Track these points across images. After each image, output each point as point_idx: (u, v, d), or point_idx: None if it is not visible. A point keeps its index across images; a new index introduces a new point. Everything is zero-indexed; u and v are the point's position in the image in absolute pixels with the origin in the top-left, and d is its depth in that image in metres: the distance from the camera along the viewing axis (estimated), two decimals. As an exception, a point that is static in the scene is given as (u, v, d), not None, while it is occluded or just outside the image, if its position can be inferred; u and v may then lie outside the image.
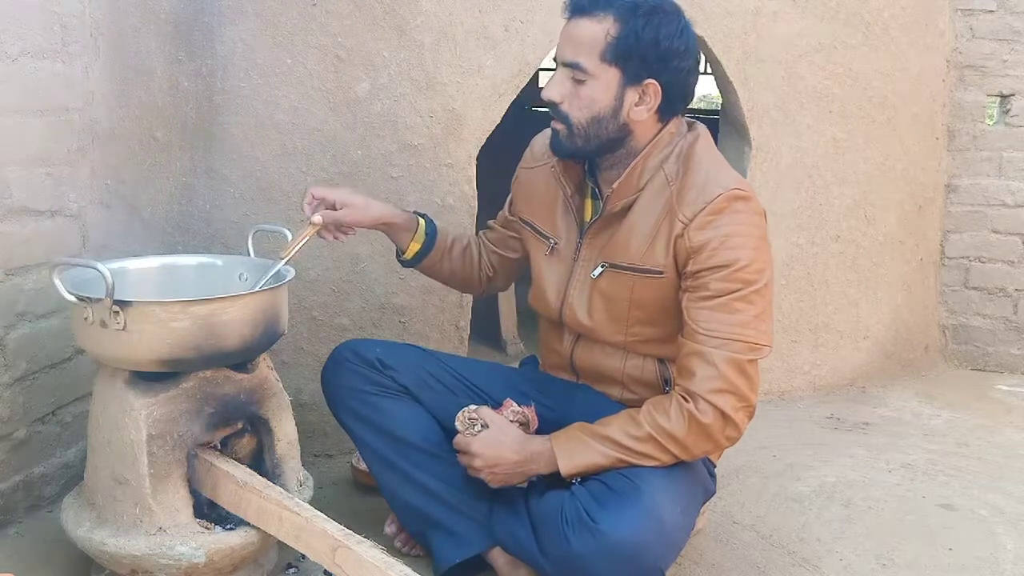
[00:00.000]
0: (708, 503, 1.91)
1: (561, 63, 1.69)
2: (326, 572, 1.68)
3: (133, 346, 1.57)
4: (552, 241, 1.88)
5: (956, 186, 3.48)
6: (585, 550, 1.57)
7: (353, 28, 2.30)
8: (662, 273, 1.71)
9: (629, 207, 1.75)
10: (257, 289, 1.73)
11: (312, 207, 1.85)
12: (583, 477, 1.69)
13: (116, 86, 2.14)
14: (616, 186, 1.74)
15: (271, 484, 1.67)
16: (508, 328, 3.52)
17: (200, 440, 1.68)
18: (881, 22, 3.04)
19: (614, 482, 1.63)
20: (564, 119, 1.70)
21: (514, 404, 1.81)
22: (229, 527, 1.67)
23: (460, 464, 1.77)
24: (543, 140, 1.89)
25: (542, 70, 6.12)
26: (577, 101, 1.68)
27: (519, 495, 1.81)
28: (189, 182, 2.28)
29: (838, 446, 2.71)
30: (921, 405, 3.13)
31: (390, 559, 1.49)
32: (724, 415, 1.63)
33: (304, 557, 1.85)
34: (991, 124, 3.49)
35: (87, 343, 1.64)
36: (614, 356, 1.84)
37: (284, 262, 1.79)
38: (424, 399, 1.89)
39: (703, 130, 1.78)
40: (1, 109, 1.84)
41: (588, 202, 1.85)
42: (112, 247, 2.13)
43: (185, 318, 1.57)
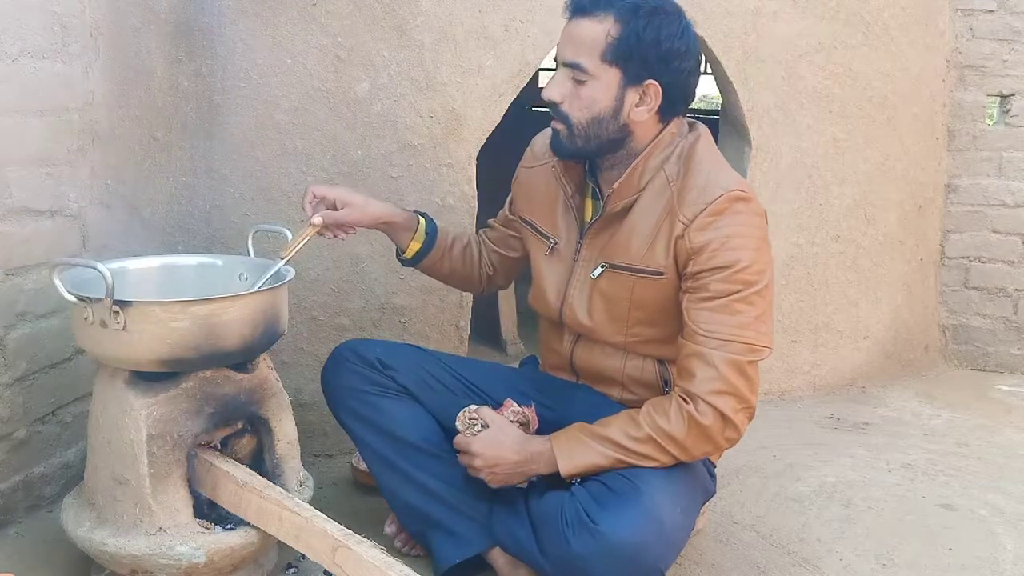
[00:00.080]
0: (708, 503, 1.91)
1: (562, 63, 1.69)
2: (326, 572, 1.68)
3: (133, 346, 1.57)
4: (552, 241, 1.87)
5: (956, 186, 3.48)
6: (585, 551, 1.57)
7: (353, 28, 2.30)
8: (662, 274, 1.71)
9: (629, 207, 1.75)
10: (256, 289, 1.73)
11: (312, 206, 1.85)
12: (583, 477, 1.69)
13: (116, 86, 2.13)
14: (617, 186, 1.73)
15: (271, 484, 1.67)
16: (508, 328, 3.52)
17: (200, 440, 1.68)
18: (881, 22, 3.04)
19: (614, 483, 1.63)
20: (564, 119, 1.70)
21: (514, 404, 1.81)
22: (229, 527, 1.67)
23: (460, 464, 1.77)
24: (544, 139, 1.88)
25: (542, 70, 6.13)
26: (577, 101, 1.67)
27: (519, 495, 1.81)
28: (189, 182, 2.28)
29: (838, 446, 2.71)
30: (921, 405, 3.13)
31: (390, 559, 1.49)
32: (724, 416, 1.62)
33: (304, 557, 1.85)
34: (991, 124, 3.49)
35: (87, 343, 1.64)
36: (614, 356, 1.84)
37: (284, 262, 1.79)
38: (424, 399, 1.89)
39: (704, 130, 1.78)
40: (1, 109, 1.83)
41: (588, 202, 1.85)
42: (112, 247, 2.13)
43: (185, 318, 1.57)
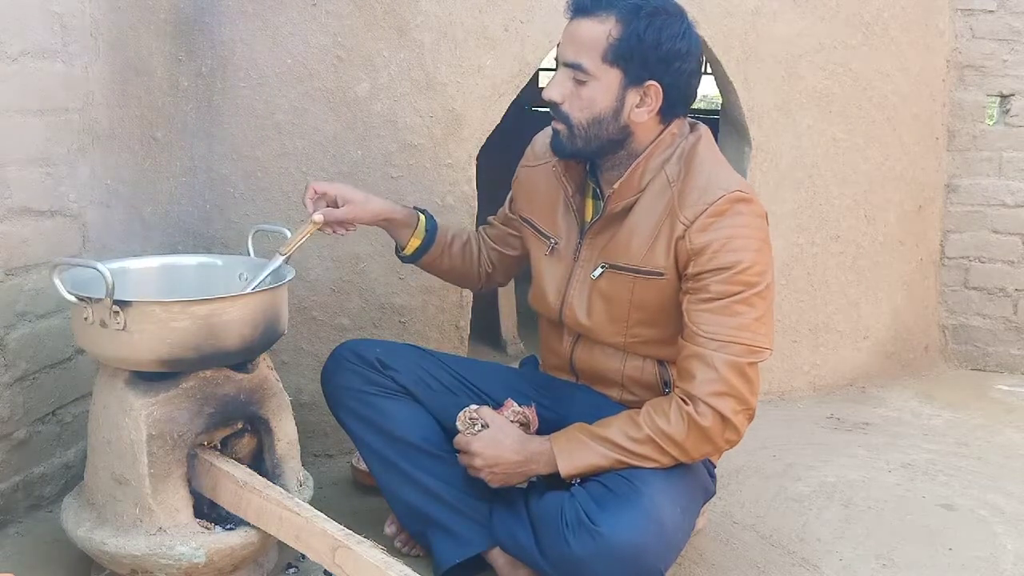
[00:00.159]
0: (708, 503, 1.91)
1: (562, 63, 1.69)
2: (326, 572, 1.68)
3: (133, 346, 1.57)
4: (552, 241, 1.87)
5: (956, 186, 3.48)
6: (584, 552, 1.57)
7: (353, 28, 2.30)
8: (663, 274, 1.71)
9: (630, 208, 1.74)
10: (255, 285, 1.74)
11: (313, 202, 1.85)
12: (583, 478, 1.69)
13: (116, 86, 2.13)
14: (617, 186, 1.73)
15: (271, 484, 1.68)
16: (508, 328, 3.52)
17: (200, 440, 1.68)
18: (881, 22, 3.04)
19: (614, 484, 1.63)
20: (565, 119, 1.70)
21: (515, 404, 1.81)
22: (229, 527, 1.67)
23: (460, 464, 1.77)
24: (544, 138, 1.88)
25: (542, 70, 6.13)
26: (578, 102, 1.67)
27: (519, 496, 1.81)
28: (189, 182, 2.28)
29: (838, 446, 2.71)
30: (921, 405, 3.13)
31: (390, 559, 1.49)
32: (723, 418, 1.62)
33: (304, 557, 1.85)
34: (991, 124, 3.48)
35: (87, 343, 1.64)
36: (614, 357, 1.84)
37: (284, 259, 1.79)
38: (424, 399, 1.89)
39: (705, 131, 1.77)
40: (1, 109, 1.84)
41: (589, 202, 1.85)
42: (112, 247, 2.13)
43: (185, 318, 1.57)
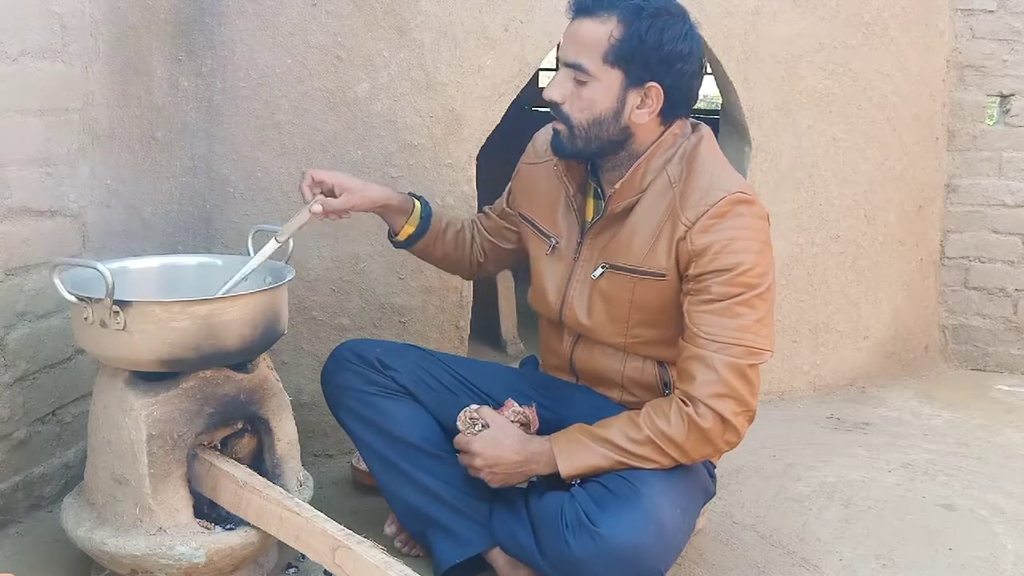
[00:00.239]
0: (708, 503, 1.91)
1: (563, 63, 1.69)
2: (326, 572, 1.68)
3: (133, 346, 1.57)
4: (553, 240, 1.87)
5: (956, 186, 3.48)
6: (584, 553, 1.57)
7: (353, 28, 2.30)
8: (663, 275, 1.70)
9: (631, 208, 1.74)
10: (249, 268, 1.74)
11: (309, 188, 1.84)
12: (583, 479, 1.69)
13: (116, 86, 2.13)
14: (619, 187, 1.73)
15: (271, 484, 1.68)
16: (508, 328, 3.52)
17: (200, 440, 1.68)
18: (881, 22, 3.04)
19: (614, 484, 1.63)
20: (565, 120, 1.69)
21: (515, 404, 1.81)
22: (229, 527, 1.67)
23: (460, 464, 1.77)
24: (546, 135, 1.87)
25: (542, 70, 6.13)
26: (578, 102, 1.67)
27: (519, 496, 1.80)
28: (189, 182, 2.28)
29: (838, 446, 2.71)
30: (921, 405, 3.13)
31: (390, 559, 1.49)
32: (724, 420, 1.62)
33: (304, 557, 1.85)
34: (991, 124, 3.48)
35: (87, 343, 1.64)
36: (614, 358, 1.84)
37: (279, 245, 1.79)
38: (424, 399, 1.89)
39: (707, 131, 1.77)
40: (1, 109, 1.84)
41: (590, 201, 1.84)
42: (112, 247, 2.13)
43: (185, 318, 1.57)
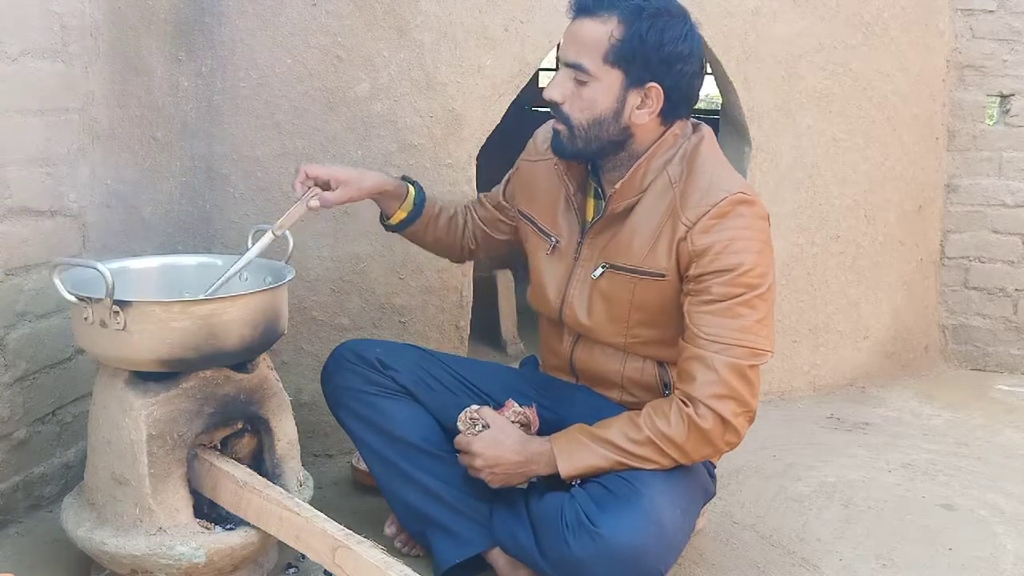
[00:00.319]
0: (708, 503, 1.91)
1: (564, 63, 1.68)
2: (326, 572, 1.68)
3: (133, 346, 1.57)
4: (553, 239, 1.87)
5: (956, 186, 3.48)
6: (585, 554, 1.57)
7: (353, 28, 2.30)
8: (664, 275, 1.70)
9: (631, 208, 1.74)
10: (245, 261, 1.74)
11: (301, 184, 1.84)
12: (583, 479, 1.69)
13: (116, 86, 2.13)
14: (619, 186, 1.73)
15: (271, 484, 1.68)
16: (508, 328, 3.52)
17: (200, 440, 1.68)
18: (881, 22, 3.04)
19: (614, 485, 1.63)
20: (565, 120, 1.69)
21: (516, 405, 1.81)
22: (229, 527, 1.67)
23: (460, 464, 1.77)
24: (546, 133, 1.87)
25: (542, 70, 6.13)
26: (578, 102, 1.67)
27: (519, 496, 1.80)
28: (189, 182, 2.28)
29: (838, 446, 2.71)
30: (921, 405, 3.13)
31: (390, 559, 1.49)
32: (724, 420, 1.62)
33: (304, 557, 1.85)
34: (991, 124, 3.48)
35: (87, 343, 1.64)
36: (614, 358, 1.83)
37: (274, 238, 1.78)
38: (424, 399, 1.89)
39: (708, 132, 1.77)
40: (1, 109, 1.84)
41: (590, 201, 1.84)
42: (112, 247, 2.13)
43: (185, 318, 1.57)
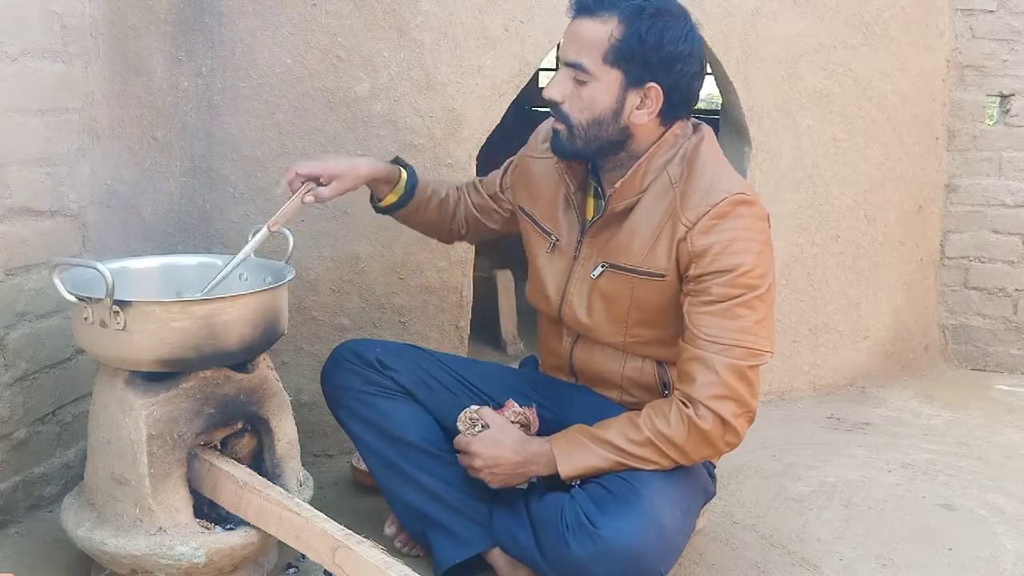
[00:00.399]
0: (708, 503, 1.91)
1: (563, 63, 1.68)
2: (326, 572, 1.68)
3: (133, 346, 1.57)
4: (554, 238, 1.87)
5: (956, 186, 3.48)
6: (585, 555, 1.57)
7: (353, 28, 2.30)
8: (663, 276, 1.70)
9: (631, 208, 1.74)
10: (241, 257, 1.73)
11: (290, 183, 1.83)
12: (583, 479, 1.69)
13: (116, 86, 2.13)
14: (619, 186, 1.73)
15: (271, 484, 1.68)
16: (508, 328, 3.52)
17: (200, 440, 1.68)
18: (881, 22, 3.04)
19: (614, 486, 1.63)
20: (565, 120, 1.69)
21: (516, 405, 1.81)
22: (229, 527, 1.67)
23: (460, 464, 1.77)
24: (548, 129, 1.87)
25: (542, 70, 6.13)
26: (578, 102, 1.67)
27: (519, 496, 1.80)
28: (189, 182, 2.28)
29: (838, 446, 2.71)
30: (921, 405, 3.13)
31: (390, 559, 1.49)
32: (724, 421, 1.62)
33: (304, 557, 1.85)
34: (991, 124, 3.48)
35: (87, 343, 1.64)
36: (613, 358, 1.83)
37: (270, 233, 1.79)
38: (423, 399, 1.89)
39: (708, 132, 1.77)
40: (1, 109, 1.84)
41: (590, 200, 1.84)
42: (112, 247, 2.13)
43: (185, 318, 1.57)
